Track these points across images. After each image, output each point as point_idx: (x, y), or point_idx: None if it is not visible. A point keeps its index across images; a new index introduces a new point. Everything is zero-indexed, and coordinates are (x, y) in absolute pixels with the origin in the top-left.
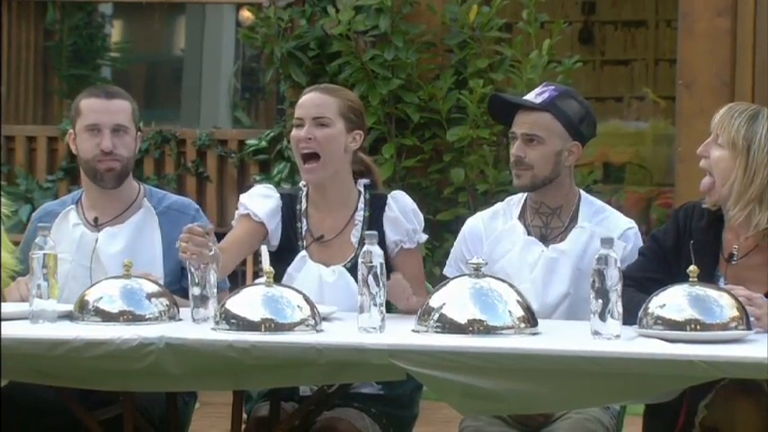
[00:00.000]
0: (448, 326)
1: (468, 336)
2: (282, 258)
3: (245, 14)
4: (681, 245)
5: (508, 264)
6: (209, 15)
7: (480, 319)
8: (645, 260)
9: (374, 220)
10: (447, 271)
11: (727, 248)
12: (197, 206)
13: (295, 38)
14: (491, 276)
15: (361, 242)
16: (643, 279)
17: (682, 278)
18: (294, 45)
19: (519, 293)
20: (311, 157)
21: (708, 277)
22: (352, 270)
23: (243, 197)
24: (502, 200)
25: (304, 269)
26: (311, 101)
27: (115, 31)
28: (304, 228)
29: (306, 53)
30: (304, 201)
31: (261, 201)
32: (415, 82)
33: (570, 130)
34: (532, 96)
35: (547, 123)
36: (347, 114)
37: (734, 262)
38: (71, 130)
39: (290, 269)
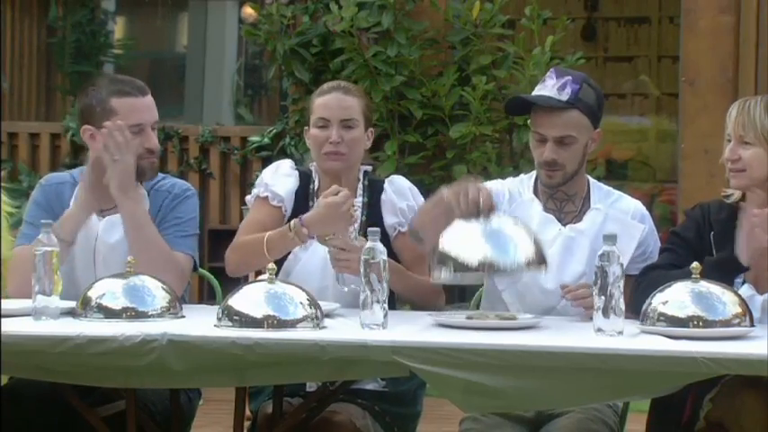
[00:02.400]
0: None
1: (469, 331)
2: None
3: (248, 11)
4: (701, 237)
5: None
6: (211, 12)
7: None
8: (671, 254)
9: (372, 205)
10: None
11: None
12: (188, 187)
13: (298, 34)
14: None
15: (362, 228)
16: (672, 267)
17: None
18: (297, 42)
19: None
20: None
21: None
22: None
23: (266, 174)
24: None
25: (310, 250)
26: (338, 102)
27: (118, 28)
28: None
29: (308, 50)
30: (316, 181)
31: (283, 180)
32: (417, 79)
33: (593, 120)
34: (554, 92)
35: (577, 121)
36: (366, 114)
37: None
38: (88, 126)
39: (296, 249)
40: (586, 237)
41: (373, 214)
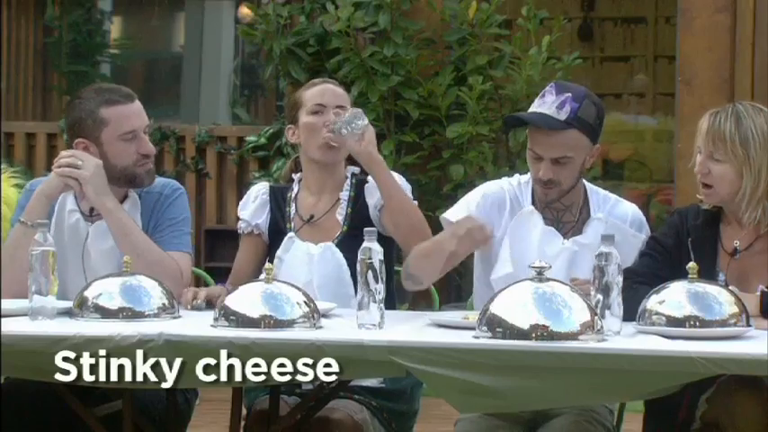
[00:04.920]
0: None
1: (466, 331)
2: (271, 244)
3: (245, 11)
4: (681, 244)
5: (527, 251)
6: (208, 12)
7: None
8: (650, 259)
9: (358, 197)
10: (448, 214)
11: (728, 244)
12: (177, 186)
13: (294, 34)
14: (553, 280)
15: (347, 219)
16: (652, 276)
17: (684, 275)
18: (293, 42)
19: None
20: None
21: (708, 273)
22: (340, 245)
23: (240, 209)
24: None
25: (292, 249)
26: (332, 91)
27: (114, 28)
28: (292, 211)
29: (305, 50)
30: (296, 187)
31: (252, 206)
32: (414, 78)
33: (593, 137)
34: (553, 110)
35: (574, 141)
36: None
37: (737, 257)
38: (81, 139)
39: (278, 252)
40: (590, 250)
41: (358, 203)
